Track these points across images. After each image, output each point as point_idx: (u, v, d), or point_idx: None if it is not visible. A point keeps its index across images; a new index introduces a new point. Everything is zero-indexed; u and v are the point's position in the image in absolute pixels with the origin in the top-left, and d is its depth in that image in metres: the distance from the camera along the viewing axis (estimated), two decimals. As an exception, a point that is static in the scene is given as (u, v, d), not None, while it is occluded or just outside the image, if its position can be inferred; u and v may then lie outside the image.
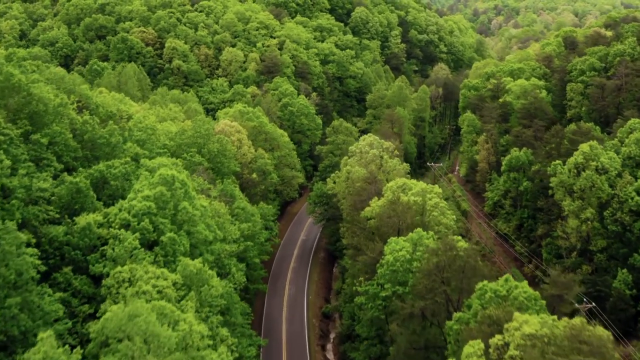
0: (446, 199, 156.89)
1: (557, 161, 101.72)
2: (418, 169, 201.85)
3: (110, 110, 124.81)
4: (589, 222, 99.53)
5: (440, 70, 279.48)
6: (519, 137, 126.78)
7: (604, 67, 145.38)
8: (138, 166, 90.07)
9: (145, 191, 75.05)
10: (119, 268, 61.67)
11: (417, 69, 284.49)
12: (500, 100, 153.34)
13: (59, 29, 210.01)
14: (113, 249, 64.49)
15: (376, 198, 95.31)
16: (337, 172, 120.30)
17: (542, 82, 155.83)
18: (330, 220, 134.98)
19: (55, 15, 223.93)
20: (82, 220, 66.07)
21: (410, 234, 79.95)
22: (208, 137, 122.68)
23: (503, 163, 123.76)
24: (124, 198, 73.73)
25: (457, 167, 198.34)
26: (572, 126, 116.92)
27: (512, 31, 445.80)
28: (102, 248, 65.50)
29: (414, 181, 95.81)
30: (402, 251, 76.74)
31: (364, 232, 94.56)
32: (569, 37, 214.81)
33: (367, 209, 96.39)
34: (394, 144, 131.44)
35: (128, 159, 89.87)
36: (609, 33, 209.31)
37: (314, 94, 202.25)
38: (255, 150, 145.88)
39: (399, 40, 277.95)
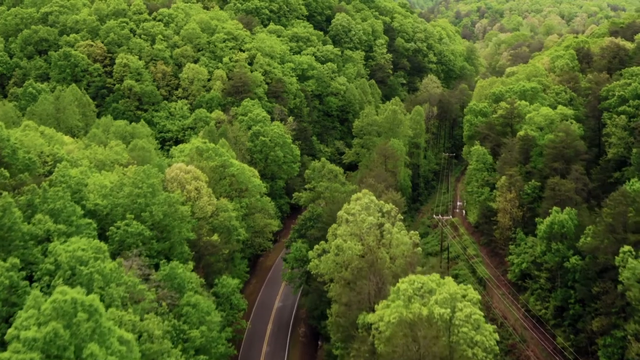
0: (455, 257, 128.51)
1: (627, 247, 73.63)
2: (412, 203, 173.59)
3: (30, 158, 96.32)
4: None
5: (431, 82, 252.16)
6: (555, 189, 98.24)
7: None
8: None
9: (31, 331, 47.50)
10: None
11: (404, 81, 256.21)
12: (520, 132, 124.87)
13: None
14: None
15: (384, 303, 66.61)
16: (322, 243, 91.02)
17: (570, 111, 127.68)
18: (313, 292, 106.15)
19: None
20: None
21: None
22: (153, 195, 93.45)
23: (540, 228, 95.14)
24: None
25: (458, 203, 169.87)
26: (637, 184, 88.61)
27: (500, 36, 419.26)
28: None
29: (435, 277, 66.93)
30: None
31: (367, 356, 65.76)
32: (582, 48, 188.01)
33: (370, 316, 67.96)
34: (392, 196, 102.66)
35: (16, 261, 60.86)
36: (628, 44, 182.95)
37: (291, 118, 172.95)
38: (218, 199, 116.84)
39: (385, 50, 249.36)
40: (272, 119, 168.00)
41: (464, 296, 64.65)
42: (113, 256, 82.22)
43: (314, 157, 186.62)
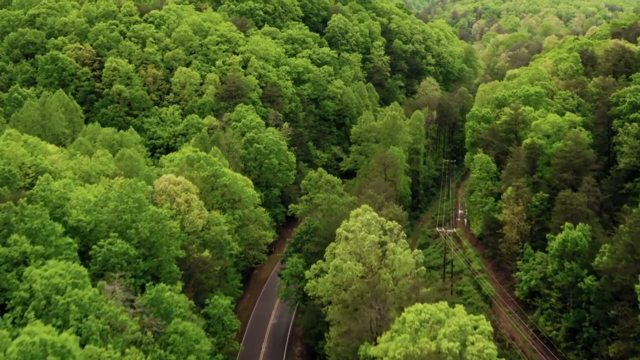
0: (459, 272, 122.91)
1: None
2: (412, 211, 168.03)
3: (10, 170, 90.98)
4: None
5: (429, 85, 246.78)
6: (566, 203, 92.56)
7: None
8: None
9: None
10: None
11: (402, 84, 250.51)
12: (526, 140, 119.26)
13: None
14: None
15: (388, 335, 61.14)
16: (320, 262, 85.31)
17: (579, 118, 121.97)
18: (309, 312, 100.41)
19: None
20: None
21: None
22: (139, 210, 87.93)
23: (551, 245, 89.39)
24: None
25: (459, 211, 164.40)
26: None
27: (498, 37, 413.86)
28: None
29: (444, 307, 61.36)
30: None
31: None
32: (586, 51, 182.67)
33: (373, 349, 62.48)
34: (394, 210, 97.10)
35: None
36: (633, 46, 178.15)
37: (286, 123, 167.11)
38: (209, 211, 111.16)
39: (382, 52, 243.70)
40: (267, 125, 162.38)
41: (475, 328, 59.05)
42: (96, 277, 76.76)
43: (310, 163, 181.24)
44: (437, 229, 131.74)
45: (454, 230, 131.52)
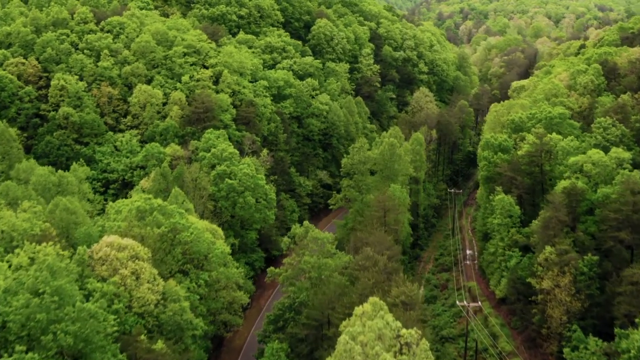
0: (483, 350, 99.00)
1: None
2: (411, 248, 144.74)
3: None
4: None
5: (423, 96, 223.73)
6: (635, 280, 69.55)
7: None
8: None
9: None
10: None
11: (393, 95, 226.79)
12: (562, 181, 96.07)
13: None
14: None
15: None
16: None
17: (627, 154, 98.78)
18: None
19: None
20: None
21: None
22: (60, 305, 64.33)
23: (620, 344, 66.23)
24: None
25: (468, 252, 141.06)
26: None
27: (490, 40, 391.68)
28: None
29: None
30: None
31: None
32: (606, 62, 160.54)
33: None
34: (407, 290, 73.70)
35: None
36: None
37: (265, 150, 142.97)
38: (166, 279, 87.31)
39: (372, 61, 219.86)
40: (242, 151, 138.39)
41: None
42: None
43: (292, 193, 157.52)
44: (457, 303, 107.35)
45: (479, 303, 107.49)
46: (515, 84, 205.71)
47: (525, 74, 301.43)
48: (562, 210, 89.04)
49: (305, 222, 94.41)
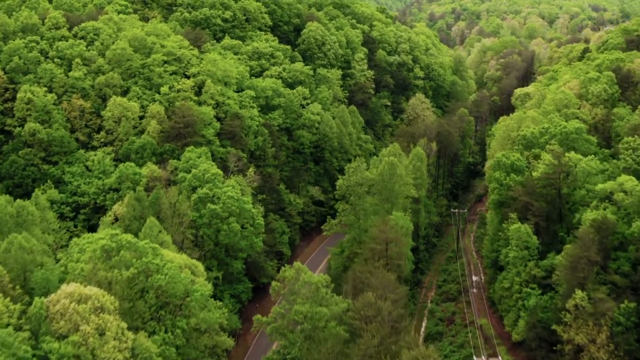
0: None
1: None
2: (411, 274, 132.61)
3: None
4: None
5: (419, 103, 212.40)
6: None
7: None
8: None
9: None
10: None
11: (388, 103, 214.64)
12: (588, 213, 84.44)
13: None
14: None
15: None
16: None
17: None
18: None
19: None
20: None
21: None
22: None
23: None
24: None
25: (474, 278, 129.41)
26: None
27: (485, 42, 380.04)
28: None
29: None
30: None
31: None
32: (619, 69, 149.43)
33: None
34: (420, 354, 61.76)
35: None
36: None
37: (251, 169, 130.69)
38: (136, 331, 75.40)
39: (365, 66, 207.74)
40: (226, 171, 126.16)
41: None
42: None
43: (282, 212, 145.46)
44: (474, 358, 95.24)
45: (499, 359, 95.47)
46: (518, 91, 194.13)
47: (524, 78, 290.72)
48: (592, 248, 77.34)
49: (297, 264, 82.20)
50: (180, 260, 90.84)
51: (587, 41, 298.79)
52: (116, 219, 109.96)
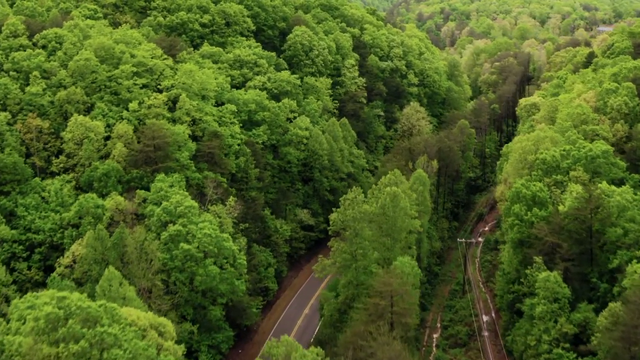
0: None
1: None
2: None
3: None
4: None
5: (414, 112, 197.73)
6: None
7: None
8: None
9: None
10: None
11: (381, 112, 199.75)
12: (635, 264, 70.07)
13: None
14: None
15: None
16: None
17: None
18: None
19: None
20: None
21: None
22: None
23: None
24: None
25: (484, 317, 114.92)
26: None
27: (478, 44, 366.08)
28: None
29: None
30: None
31: None
32: (638, 78, 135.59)
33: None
34: None
35: None
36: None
37: (232, 198, 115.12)
38: None
39: (356, 73, 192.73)
40: (203, 199, 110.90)
41: None
42: None
43: (268, 240, 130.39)
44: None
45: None
46: (523, 101, 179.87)
47: (522, 83, 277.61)
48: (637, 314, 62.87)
49: (285, 337, 66.85)
50: (145, 320, 75.48)
51: (587, 44, 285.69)
52: (74, 262, 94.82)
